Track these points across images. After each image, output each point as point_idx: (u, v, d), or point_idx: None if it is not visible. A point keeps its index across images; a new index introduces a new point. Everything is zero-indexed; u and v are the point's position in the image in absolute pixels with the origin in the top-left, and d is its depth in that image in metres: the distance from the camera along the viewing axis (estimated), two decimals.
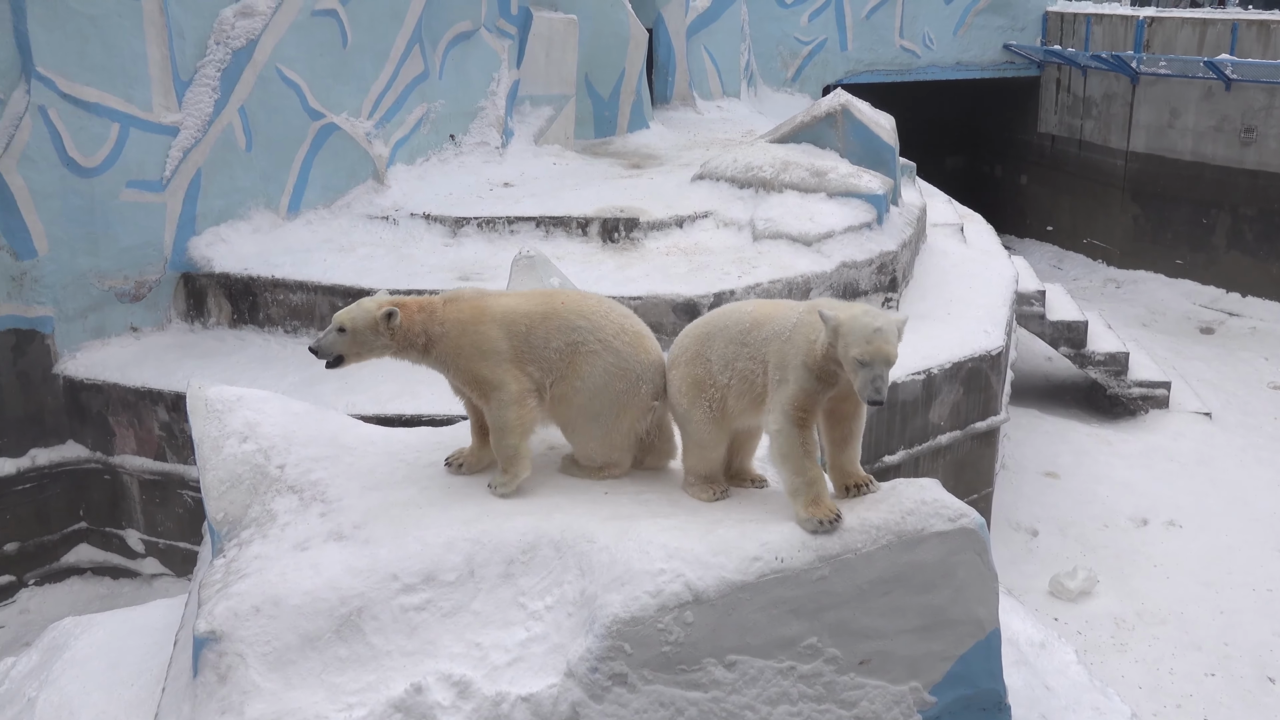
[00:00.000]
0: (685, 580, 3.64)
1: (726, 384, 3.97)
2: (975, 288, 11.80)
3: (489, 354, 4.16)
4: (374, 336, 4.17)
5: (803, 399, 3.73)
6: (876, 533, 3.67)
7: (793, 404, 3.73)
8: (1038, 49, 22.94)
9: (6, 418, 9.71)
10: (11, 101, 9.38)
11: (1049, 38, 23.21)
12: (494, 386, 4.16)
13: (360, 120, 11.84)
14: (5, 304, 9.61)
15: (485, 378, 4.16)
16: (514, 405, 4.16)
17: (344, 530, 4.11)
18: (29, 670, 5.09)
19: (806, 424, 3.74)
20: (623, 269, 10.20)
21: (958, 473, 10.28)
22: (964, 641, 3.73)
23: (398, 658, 3.76)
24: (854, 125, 12.02)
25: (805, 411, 3.74)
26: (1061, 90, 22.76)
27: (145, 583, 9.87)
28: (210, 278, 10.38)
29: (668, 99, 17.61)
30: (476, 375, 4.17)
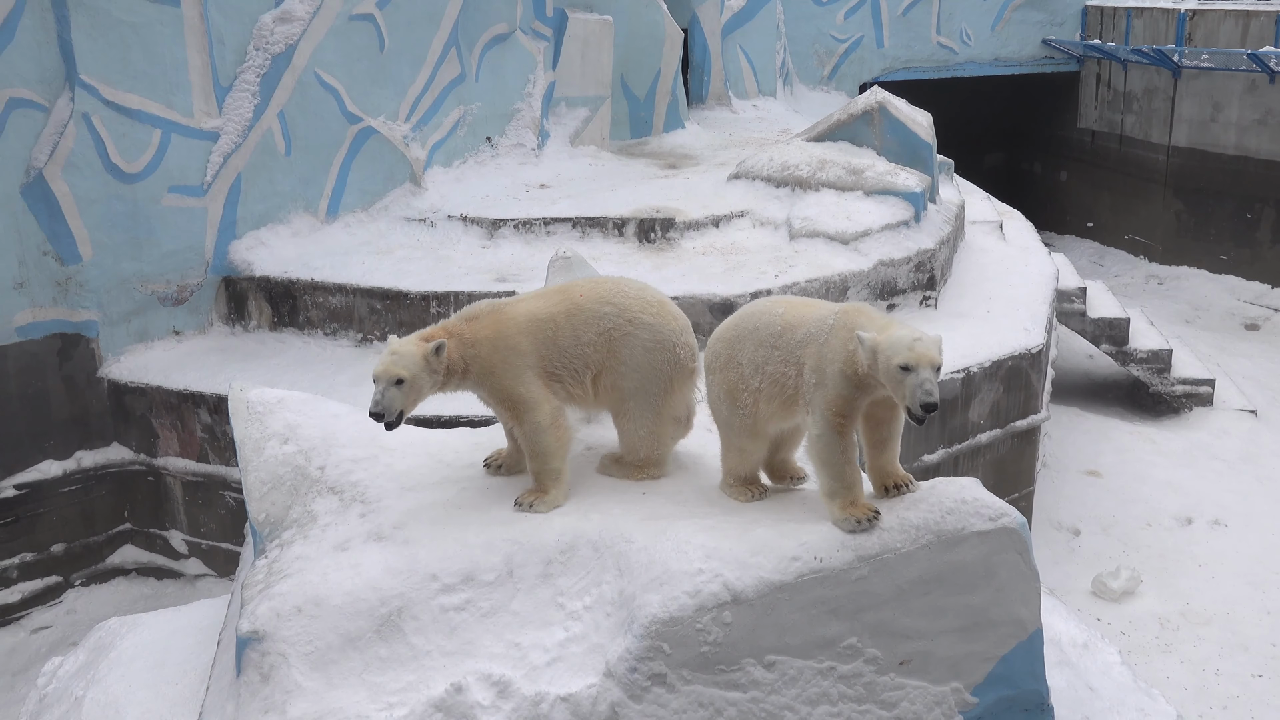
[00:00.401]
0: (724, 580, 3.63)
1: (758, 388, 3.94)
2: (1015, 285, 11.70)
3: (521, 369, 4.10)
4: (428, 376, 4.08)
5: (840, 404, 3.70)
6: (916, 532, 3.65)
7: (831, 409, 3.70)
8: (1077, 44, 22.70)
9: (53, 421, 9.85)
10: (56, 109, 9.52)
11: (1088, 32, 22.97)
12: (528, 407, 4.09)
13: (397, 123, 11.92)
14: (51, 308, 9.75)
15: (520, 396, 4.09)
16: (550, 429, 4.13)
17: (384, 531, 4.14)
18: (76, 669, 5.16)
19: (845, 430, 3.71)
20: (659, 269, 10.20)
21: (998, 472, 10.19)
22: (1006, 642, 3.70)
23: (438, 657, 3.78)
24: (891, 123, 11.95)
25: (844, 417, 3.71)
26: (1101, 85, 22.51)
27: (188, 583, 9.98)
28: (251, 281, 10.48)
29: (703, 99, 17.59)
30: (510, 393, 4.10)
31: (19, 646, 9.44)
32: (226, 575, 9.71)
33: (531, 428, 4.11)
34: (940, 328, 10.24)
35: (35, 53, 9.36)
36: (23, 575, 9.73)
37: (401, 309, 9.95)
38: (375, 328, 10.06)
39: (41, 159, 9.42)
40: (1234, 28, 19.72)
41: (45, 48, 9.40)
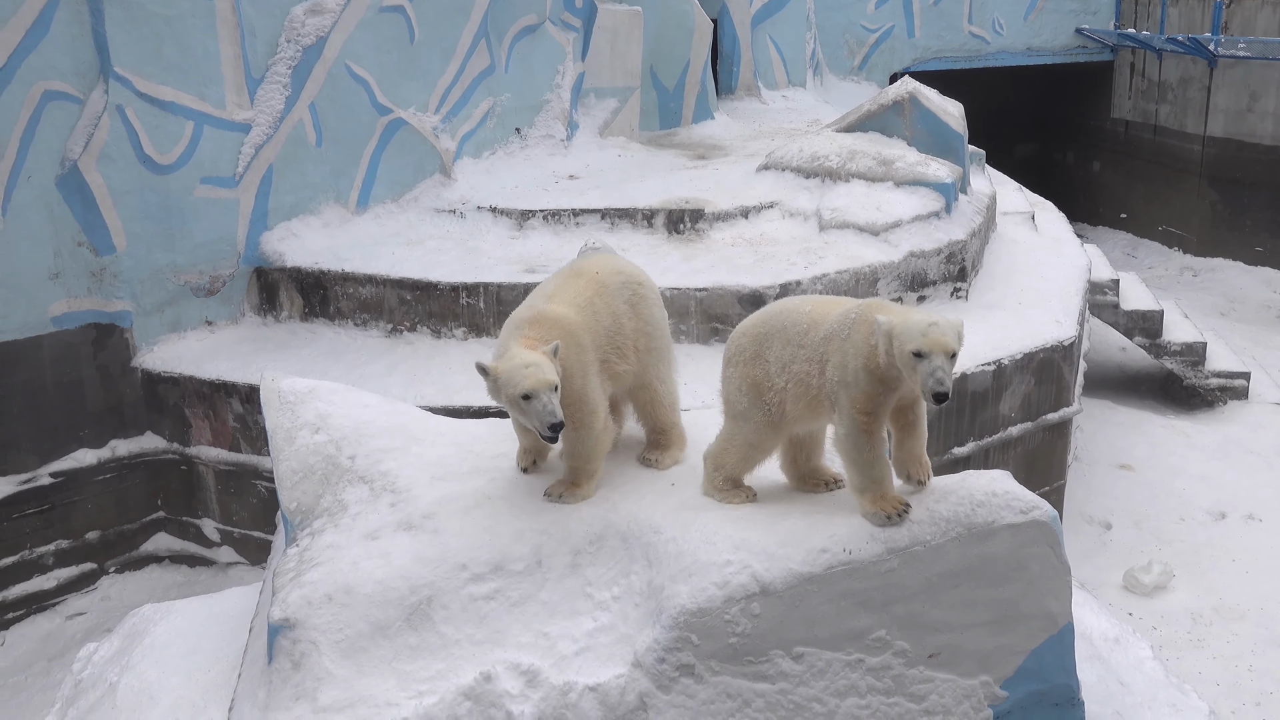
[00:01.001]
0: (752, 572, 3.63)
1: (784, 387, 3.86)
2: (1047, 276, 11.60)
3: (588, 367, 4.07)
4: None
5: (865, 402, 3.63)
6: (946, 525, 3.63)
7: (857, 408, 3.64)
8: (1111, 33, 22.46)
9: (88, 410, 9.96)
10: (90, 101, 9.61)
11: (1123, 21, 22.72)
12: (590, 411, 4.06)
13: (427, 115, 11.95)
14: (86, 299, 9.86)
15: (586, 398, 4.05)
16: (604, 434, 4.16)
17: (414, 520, 4.16)
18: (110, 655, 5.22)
19: (873, 428, 3.65)
20: (688, 260, 10.18)
21: (1029, 465, 10.12)
22: (1036, 635, 3.68)
23: (467, 646, 3.80)
24: (922, 113, 11.87)
25: (869, 415, 3.64)
26: (1136, 74, 22.27)
27: (220, 571, 10.07)
28: (282, 272, 10.55)
29: (732, 89, 17.53)
30: (580, 395, 4.04)
31: (55, 632, 9.56)
32: (258, 563, 9.79)
33: (588, 432, 4.08)
34: (971, 320, 10.17)
35: (70, 46, 9.44)
36: (58, 562, 9.85)
37: (431, 300, 9.99)
38: (405, 318, 10.10)
39: (76, 151, 9.52)
40: (1271, 16, 19.45)
41: (80, 41, 9.49)
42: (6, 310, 9.41)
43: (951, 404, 9.28)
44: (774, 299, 9.53)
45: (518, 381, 3.80)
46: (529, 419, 3.83)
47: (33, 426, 9.67)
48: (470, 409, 8.54)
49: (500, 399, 3.91)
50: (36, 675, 9.01)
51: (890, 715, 3.64)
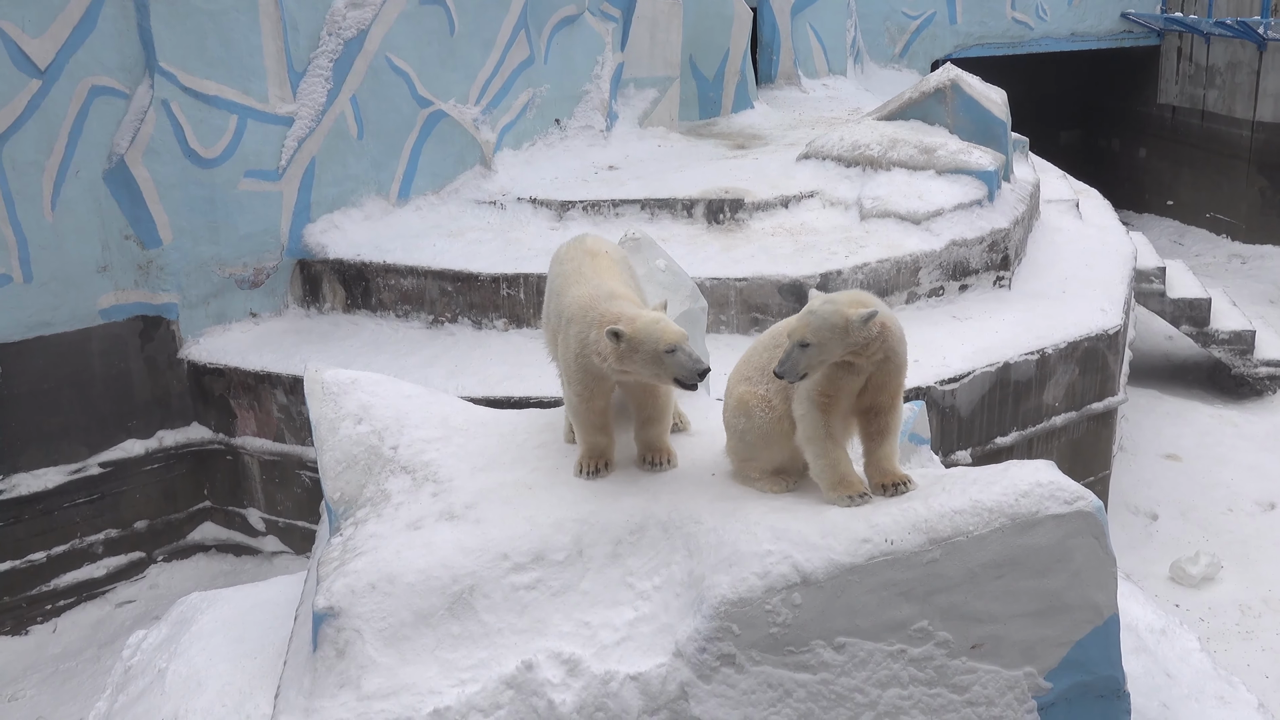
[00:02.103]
0: (793, 562, 3.62)
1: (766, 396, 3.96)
2: (1091, 265, 11.47)
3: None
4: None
5: (825, 383, 3.75)
6: (989, 515, 3.60)
7: (817, 388, 3.76)
8: (1157, 16, 22.11)
9: (135, 401, 10.11)
10: (137, 96, 9.73)
11: (1169, 5, 22.35)
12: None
13: (468, 107, 12.00)
14: (133, 291, 9.99)
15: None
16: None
17: (455, 510, 4.19)
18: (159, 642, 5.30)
19: (829, 409, 3.76)
20: (728, 250, 10.16)
21: (1073, 455, 10.02)
22: (1081, 627, 3.64)
23: (509, 635, 3.82)
24: (964, 100, 11.76)
25: (828, 396, 3.75)
26: (1183, 59, 21.91)
27: (266, 560, 10.19)
28: (325, 264, 10.64)
29: (772, 78, 17.43)
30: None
31: (104, 620, 9.73)
32: (302, 553, 9.90)
33: (667, 395, 4.22)
34: (1015, 309, 10.10)
35: (116, 41, 9.57)
36: (108, 551, 10.02)
37: (472, 291, 10.04)
38: (446, 309, 10.16)
39: (123, 145, 9.65)
40: None
41: (126, 36, 9.61)
42: (57, 303, 9.57)
43: (994, 392, 9.21)
44: (814, 289, 9.47)
45: (659, 336, 3.81)
46: (670, 372, 3.83)
47: (82, 417, 9.84)
48: (511, 400, 8.59)
49: (633, 361, 3.88)
50: (87, 661, 9.18)
51: (933, 706, 3.62)
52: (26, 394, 9.53)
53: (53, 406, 9.68)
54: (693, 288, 5.25)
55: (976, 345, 9.37)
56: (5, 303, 9.32)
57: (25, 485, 9.57)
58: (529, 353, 9.58)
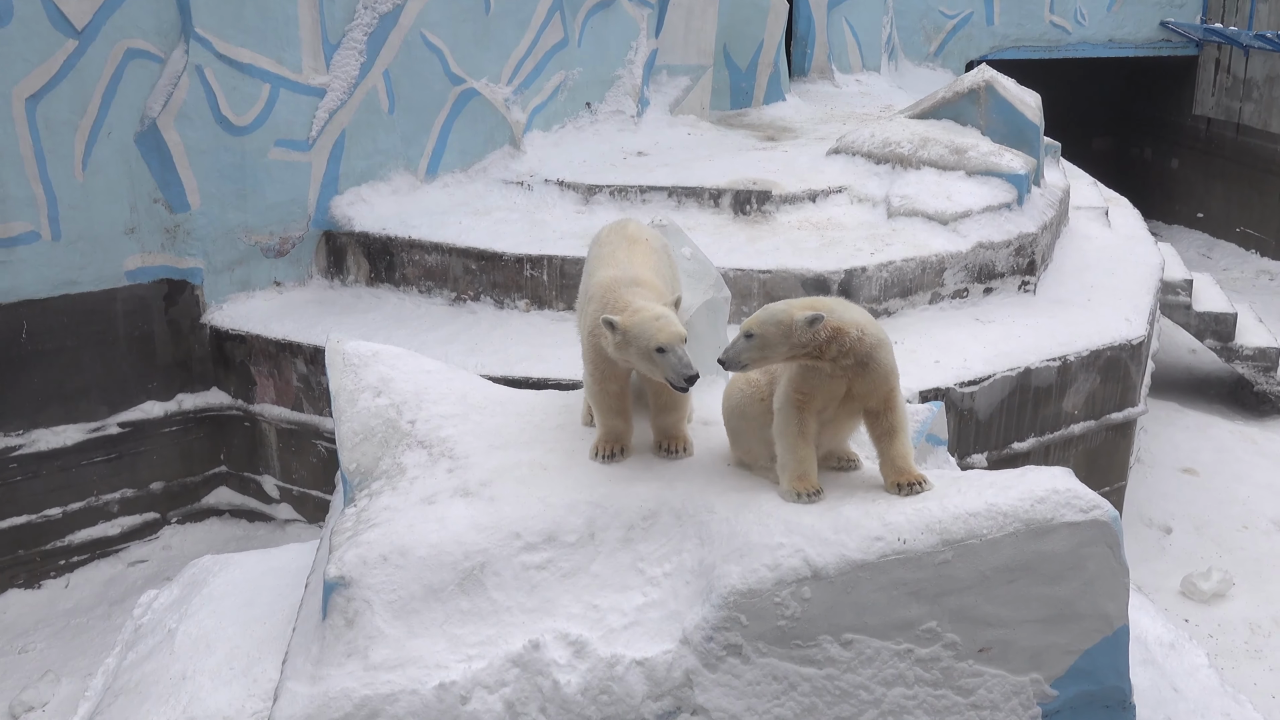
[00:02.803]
0: (804, 556, 3.63)
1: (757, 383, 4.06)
2: (1118, 274, 11.39)
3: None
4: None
5: (801, 379, 3.80)
6: (1004, 519, 3.59)
7: (793, 384, 3.81)
8: (1197, 27, 21.89)
9: (157, 363, 10.17)
10: (171, 60, 9.76)
11: (1209, 15, 22.13)
12: None
13: (500, 86, 11.98)
14: (159, 254, 10.05)
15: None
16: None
17: (470, 487, 4.20)
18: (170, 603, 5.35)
19: (804, 406, 3.80)
20: (753, 242, 10.14)
21: (1090, 464, 9.97)
22: (1090, 636, 3.64)
23: (517, 614, 3.84)
24: (997, 102, 11.68)
25: (803, 394, 3.80)
26: (1220, 71, 21.70)
27: (279, 527, 10.25)
28: (350, 236, 10.67)
29: (805, 71, 17.35)
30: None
31: (117, 578, 9.81)
32: (315, 521, 9.96)
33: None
34: (1039, 314, 10.04)
35: (153, 5, 9.59)
36: (123, 510, 10.09)
37: (496, 270, 10.05)
38: (469, 288, 10.18)
39: (155, 109, 9.69)
40: None
41: (163, 1, 9.63)
42: (83, 262, 9.63)
43: (1013, 398, 9.18)
44: (839, 285, 9.46)
45: (651, 334, 3.81)
46: (661, 371, 3.84)
47: (104, 376, 9.91)
48: (530, 380, 8.60)
49: (628, 354, 3.90)
50: (98, 618, 9.26)
51: (937, 707, 3.62)
52: (50, 351, 9.60)
53: (75, 365, 9.75)
54: (717, 277, 5.24)
55: (998, 349, 9.33)
56: (33, 260, 9.39)
57: (45, 441, 9.65)
58: (550, 334, 9.59)
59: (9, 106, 9.02)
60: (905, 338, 9.32)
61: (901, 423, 3.89)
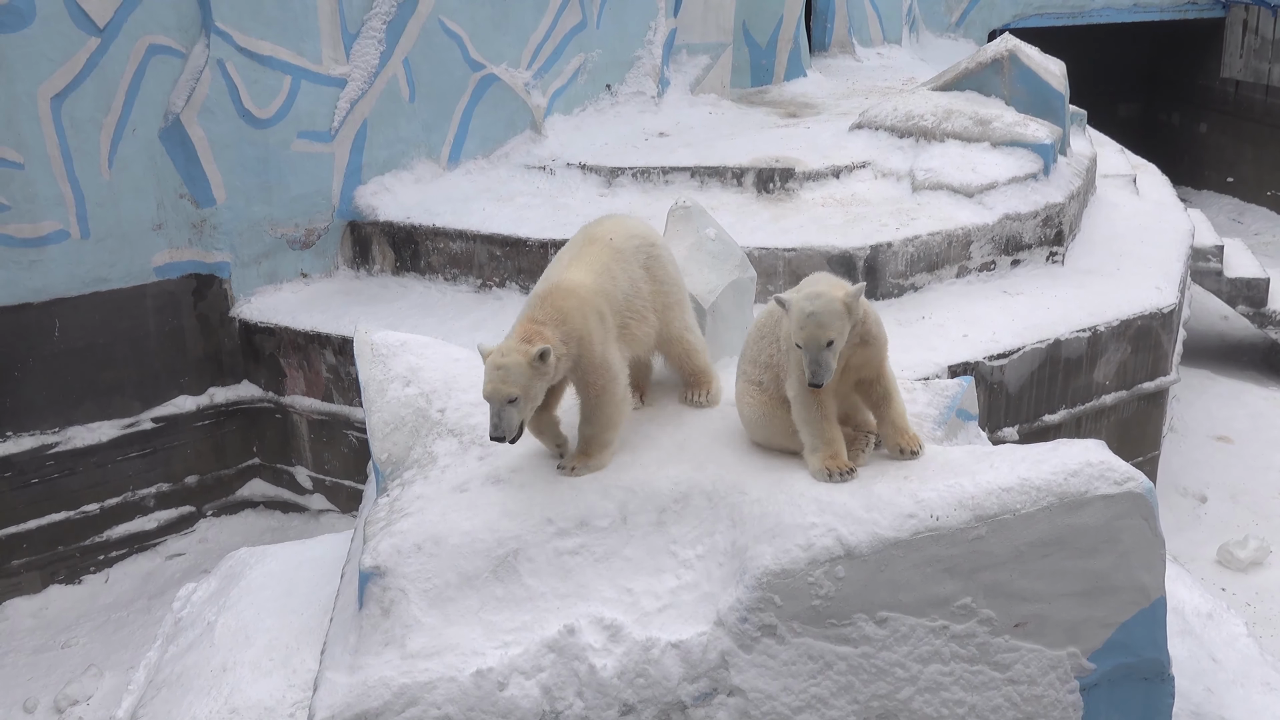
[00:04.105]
0: (837, 535, 3.62)
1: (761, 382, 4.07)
2: (1147, 241, 11.28)
3: (606, 334, 4.02)
4: (539, 382, 3.86)
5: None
6: (1038, 493, 3.57)
7: (800, 368, 3.80)
8: None
9: (188, 358, 10.26)
10: (193, 55, 9.80)
11: None
12: (613, 377, 4.03)
13: (519, 71, 11.97)
14: (186, 249, 10.12)
15: (609, 363, 4.01)
16: (624, 402, 4.11)
17: (501, 474, 4.21)
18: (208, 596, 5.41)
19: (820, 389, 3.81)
20: (777, 220, 10.10)
21: (1122, 434, 9.90)
22: (1127, 608, 3.61)
23: (551, 599, 3.85)
24: (1021, 71, 11.56)
25: None
26: (1248, 33, 21.38)
27: (312, 518, 10.33)
28: (375, 226, 10.70)
29: (826, 46, 17.23)
30: (602, 360, 3.99)
31: (155, 571, 9.93)
32: (349, 511, 10.03)
33: (609, 399, 4.05)
34: (1068, 285, 9.97)
35: (174, 1, 9.63)
36: (159, 504, 10.21)
37: (520, 256, 10.06)
38: (494, 274, 10.19)
39: (179, 104, 9.74)
40: None
41: None
42: (113, 259, 9.71)
43: (1043, 369, 9.12)
44: (864, 261, 9.42)
45: (480, 382, 3.87)
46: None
47: (136, 372, 10.00)
48: None
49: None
50: (138, 612, 9.38)
51: (974, 683, 3.61)
52: (83, 348, 9.70)
53: (107, 361, 9.85)
54: (742, 257, 5.22)
55: (1027, 321, 9.27)
56: (63, 258, 9.47)
57: (80, 438, 9.76)
58: None
59: (35, 106, 9.09)
60: (933, 312, 9.27)
61: (895, 385, 4.01)
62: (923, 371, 8.14)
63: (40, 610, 9.50)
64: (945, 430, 4.57)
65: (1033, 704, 3.63)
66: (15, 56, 8.93)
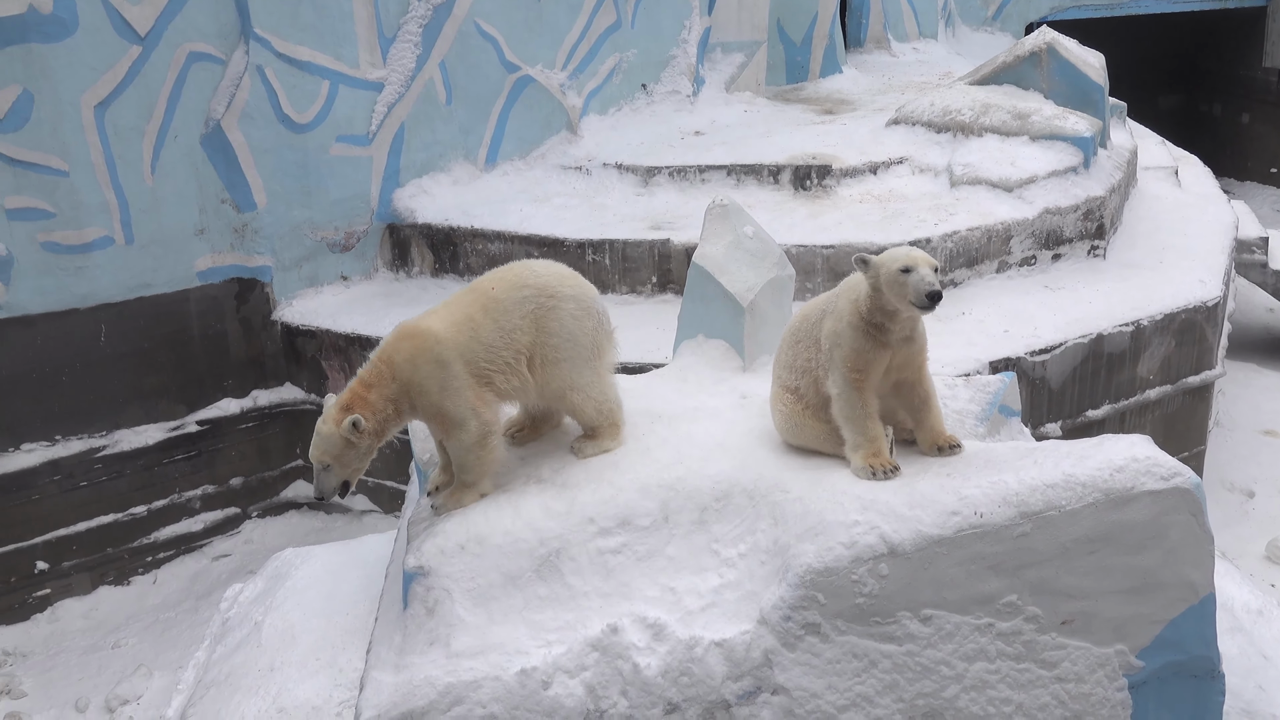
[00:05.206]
0: (880, 532, 3.61)
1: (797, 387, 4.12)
2: (1190, 234, 11.14)
3: (447, 382, 4.03)
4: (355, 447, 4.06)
5: (855, 359, 3.85)
6: (1083, 490, 3.55)
7: (847, 364, 3.86)
8: None
9: (231, 361, 10.36)
10: (232, 62, 9.91)
11: None
12: (455, 424, 4.06)
13: (555, 72, 12.00)
14: (228, 254, 10.23)
15: (448, 412, 4.05)
16: (475, 448, 4.09)
17: (543, 474, 4.24)
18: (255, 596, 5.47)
19: (863, 385, 3.87)
20: (815, 217, 10.06)
21: (1167, 429, 9.79)
22: (1175, 605, 3.58)
23: (594, 599, 3.87)
24: (1060, 64, 11.45)
25: (860, 372, 3.86)
26: None
27: (355, 518, 10.41)
28: (413, 228, 10.77)
29: (861, 42, 17.14)
30: (439, 409, 4.05)
31: (202, 573, 10.04)
32: (391, 511, 10.09)
33: (458, 444, 4.09)
34: (1110, 279, 9.86)
35: (213, 8, 9.74)
36: (205, 506, 10.32)
37: (558, 256, 10.08)
38: None
39: (219, 110, 9.84)
40: None
41: (222, 3, 9.77)
42: (156, 265, 9.83)
43: (1086, 364, 9.03)
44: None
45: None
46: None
47: (180, 376, 10.12)
48: None
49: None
50: (185, 612, 9.49)
51: (1020, 681, 3.59)
52: (128, 353, 9.83)
53: (152, 365, 9.97)
54: (780, 255, 5.22)
55: (1069, 316, 9.18)
56: (108, 264, 9.60)
57: (127, 441, 9.89)
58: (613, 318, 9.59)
59: (79, 114, 9.22)
60: (973, 308, 9.20)
61: (933, 390, 4.04)
62: (964, 368, 8.09)
63: (90, 611, 9.63)
64: (988, 426, 4.55)
65: (1080, 702, 3.60)
66: (59, 65, 9.07)
